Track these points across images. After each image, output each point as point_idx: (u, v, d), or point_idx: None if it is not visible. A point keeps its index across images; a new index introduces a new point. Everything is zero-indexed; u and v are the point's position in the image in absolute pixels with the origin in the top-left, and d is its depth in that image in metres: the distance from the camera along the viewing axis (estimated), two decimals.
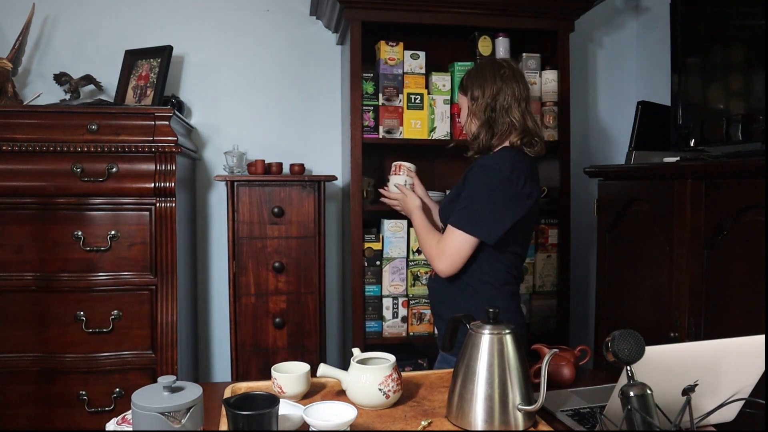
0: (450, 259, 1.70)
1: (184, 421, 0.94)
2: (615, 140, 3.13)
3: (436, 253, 1.74)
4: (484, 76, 1.82)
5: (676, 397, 1.00)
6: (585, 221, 3.10)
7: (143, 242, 2.21)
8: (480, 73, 1.84)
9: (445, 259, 1.71)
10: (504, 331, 1.20)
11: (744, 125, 1.98)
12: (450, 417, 1.23)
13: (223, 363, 2.83)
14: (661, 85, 2.71)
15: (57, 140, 2.14)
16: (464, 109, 1.89)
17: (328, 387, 1.42)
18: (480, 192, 1.67)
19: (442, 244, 1.73)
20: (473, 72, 1.87)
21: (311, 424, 1.07)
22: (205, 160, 2.84)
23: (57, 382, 2.17)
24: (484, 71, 1.83)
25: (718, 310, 1.84)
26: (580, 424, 1.23)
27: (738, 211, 1.75)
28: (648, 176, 2.17)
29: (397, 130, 2.55)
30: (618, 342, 0.96)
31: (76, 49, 2.67)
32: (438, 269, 1.74)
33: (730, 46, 2.08)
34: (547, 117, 2.68)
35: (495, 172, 1.68)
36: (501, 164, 1.69)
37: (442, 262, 1.72)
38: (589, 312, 3.11)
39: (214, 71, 2.82)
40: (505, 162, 1.69)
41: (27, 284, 2.16)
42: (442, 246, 1.72)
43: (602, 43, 3.18)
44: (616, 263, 2.36)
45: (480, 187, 1.68)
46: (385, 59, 2.55)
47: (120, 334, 2.20)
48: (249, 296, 2.44)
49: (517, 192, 1.67)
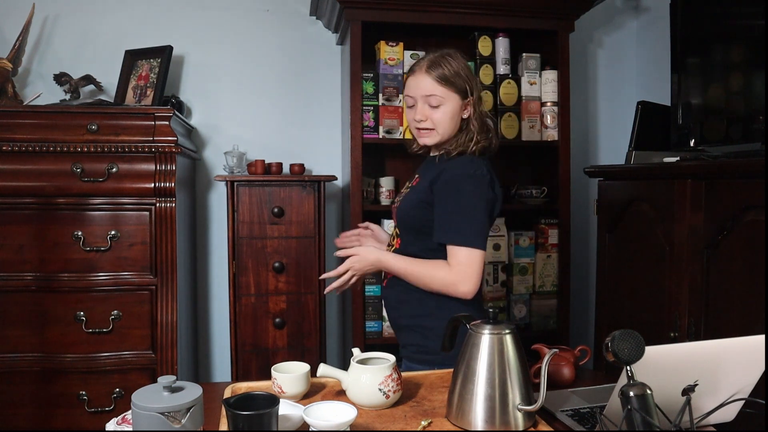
0: (476, 278, 1.57)
1: (184, 421, 0.94)
2: (615, 140, 3.13)
3: (456, 278, 1.57)
4: (469, 69, 1.74)
5: (676, 397, 1.00)
6: (585, 221, 3.10)
7: (143, 242, 2.21)
8: (467, 66, 1.72)
9: (471, 282, 1.57)
10: (504, 331, 1.20)
11: (744, 125, 1.98)
12: (450, 417, 1.23)
13: (223, 363, 2.84)
14: (661, 85, 2.71)
15: (57, 140, 2.14)
16: (449, 105, 1.67)
17: (328, 387, 1.42)
18: (478, 203, 1.59)
19: (461, 267, 1.56)
20: (462, 64, 1.70)
21: (311, 424, 1.07)
22: (205, 160, 2.84)
23: (57, 382, 2.17)
24: (464, 61, 1.72)
25: (718, 310, 1.84)
26: (580, 424, 1.23)
27: (738, 211, 1.75)
28: (648, 176, 2.17)
29: (397, 130, 2.55)
30: (618, 342, 0.96)
31: (76, 50, 2.67)
32: (463, 293, 1.57)
33: (731, 45, 2.08)
34: (547, 117, 2.68)
35: (479, 179, 1.61)
36: (480, 170, 1.62)
37: (468, 285, 1.57)
38: (589, 312, 3.11)
39: (214, 71, 2.82)
40: (481, 167, 1.63)
41: (27, 284, 2.16)
42: (462, 270, 1.56)
43: (602, 43, 3.18)
44: (616, 263, 2.36)
45: (476, 198, 1.59)
46: (385, 59, 2.55)
47: (120, 334, 2.20)
48: (249, 296, 2.44)
49: (496, 197, 1.66)
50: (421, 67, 1.69)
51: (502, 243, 2.67)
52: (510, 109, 2.67)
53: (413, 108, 1.70)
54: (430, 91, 1.66)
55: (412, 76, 1.71)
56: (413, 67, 1.73)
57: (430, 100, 1.66)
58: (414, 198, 1.70)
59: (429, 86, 1.66)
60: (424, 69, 1.68)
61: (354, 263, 1.67)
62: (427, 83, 1.67)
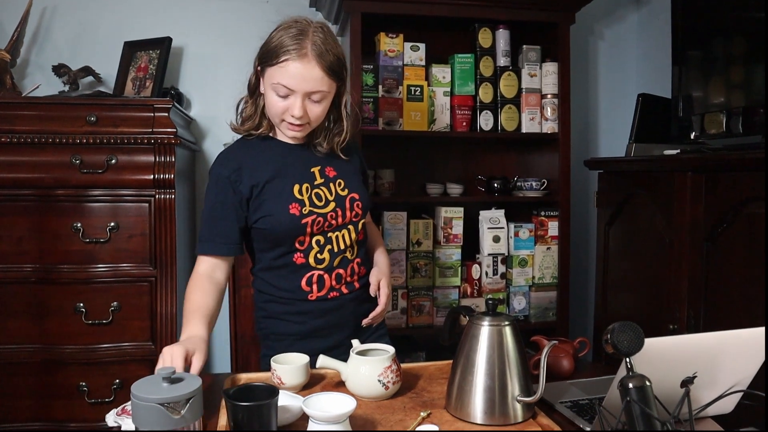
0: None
1: (184, 412, 0.94)
2: (615, 133, 3.12)
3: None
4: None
5: (674, 388, 1.00)
6: (585, 214, 3.10)
7: (143, 234, 2.21)
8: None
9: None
10: (503, 323, 1.20)
11: (744, 118, 1.98)
12: (449, 408, 1.23)
13: (223, 354, 2.84)
14: (661, 78, 2.71)
15: (56, 132, 2.13)
16: (329, 98, 1.51)
17: (328, 378, 1.42)
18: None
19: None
20: (340, 49, 1.50)
21: (311, 414, 1.07)
22: (205, 152, 2.84)
23: (57, 373, 2.18)
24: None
25: (717, 302, 1.85)
26: (579, 415, 1.23)
27: (738, 203, 1.75)
28: (648, 169, 2.16)
29: (396, 122, 2.55)
30: (617, 334, 0.96)
31: (75, 41, 2.66)
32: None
33: (731, 38, 2.07)
34: (547, 109, 2.67)
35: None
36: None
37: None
38: (588, 304, 3.11)
39: (213, 63, 2.81)
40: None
41: (26, 276, 2.16)
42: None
43: (603, 36, 3.17)
44: (615, 255, 2.36)
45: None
46: (385, 51, 2.54)
47: (119, 325, 2.20)
48: (248, 288, 2.43)
49: None
50: (308, 54, 1.42)
51: (502, 235, 2.68)
52: (510, 101, 2.66)
53: (286, 98, 1.45)
54: (319, 87, 1.45)
55: (298, 63, 1.41)
56: (294, 50, 1.41)
57: (313, 96, 1.46)
58: (363, 185, 1.67)
59: (318, 81, 1.44)
60: (313, 57, 1.42)
61: (387, 287, 1.62)
62: (316, 76, 1.43)
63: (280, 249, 1.55)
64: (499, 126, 2.66)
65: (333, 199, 1.57)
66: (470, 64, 2.63)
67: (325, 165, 1.60)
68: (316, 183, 1.57)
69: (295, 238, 1.53)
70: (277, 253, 1.56)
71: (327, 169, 1.60)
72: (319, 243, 1.55)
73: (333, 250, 1.57)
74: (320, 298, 1.57)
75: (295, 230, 1.52)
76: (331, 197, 1.57)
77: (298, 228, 1.51)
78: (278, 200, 1.52)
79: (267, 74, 1.47)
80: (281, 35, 1.44)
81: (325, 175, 1.59)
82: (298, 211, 1.51)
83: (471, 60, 2.64)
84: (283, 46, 1.42)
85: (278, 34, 1.45)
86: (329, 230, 1.56)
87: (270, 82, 1.46)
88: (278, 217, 1.51)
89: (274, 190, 1.53)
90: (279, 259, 1.56)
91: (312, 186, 1.56)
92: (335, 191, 1.58)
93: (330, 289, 1.58)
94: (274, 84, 1.44)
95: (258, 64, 1.52)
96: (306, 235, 1.53)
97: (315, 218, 1.52)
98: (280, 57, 1.42)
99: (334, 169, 1.61)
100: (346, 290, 1.60)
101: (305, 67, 1.42)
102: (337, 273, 1.58)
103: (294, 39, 1.42)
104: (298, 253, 1.55)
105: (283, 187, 1.53)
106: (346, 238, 1.58)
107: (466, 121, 2.63)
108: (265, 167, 1.54)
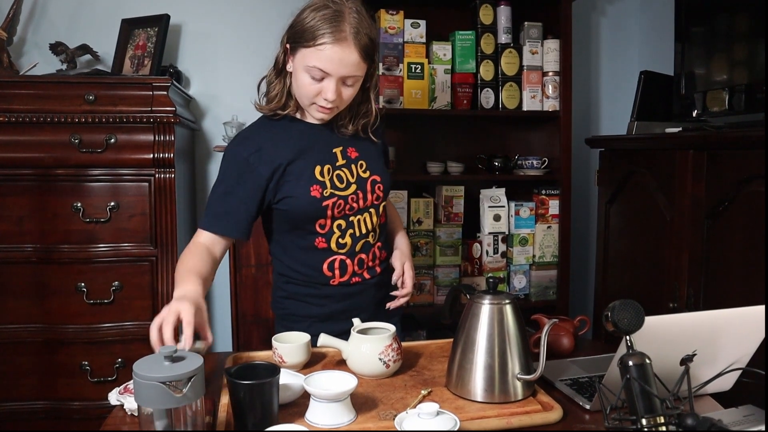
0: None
1: (185, 391, 0.94)
2: (617, 110, 3.10)
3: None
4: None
5: (674, 366, 1.00)
6: (586, 192, 3.10)
7: (143, 213, 2.21)
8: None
9: None
10: (504, 302, 1.21)
11: (747, 96, 1.97)
12: (449, 386, 1.24)
13: (224, 333, 2.85)
14: (664, 55, 2.68)
15: (54, 111, 2.12)
16: (360, 80, 1.47)
17: (329, 357, 1.43)
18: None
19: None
20: (374, 30, 1.46)
21: (312, 393, 1.08)
22: (204, 131, 2.82)
23: (60, 352, 2.19)
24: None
25: (717, 280, 1.85)
26: (579, 393, 1.24)
27: (739, 182, 1.74)
28: (650, 147, 2.15)
29: (397, 100, 2.53)
30: (617, 312, 0.96)
31: (72, 19, 2.63)
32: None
33: (735, 15, 2.05)
34: (548, 87, 2.65)
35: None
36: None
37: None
38: (588, 283, 3.12)
39: (212, 40, 2.78)
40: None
41: (27, 256, 2.16)
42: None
43: (605, 12, 3.13)
44: (616, 234, 2.36)
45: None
46: (386, 28, 2.52)
47: (121, 305, 2.21)
48: (249, 267, 2.44)
49: None
50: (347, 38, 1.37)
51: (503, 214, 2.67)
52: (511, 79, 2.65)
53: (320, 81, 1.41)
54: (355, 72, 1.41)
55: (337, 47, 1.36)
56: (331, 33, 1.36)
57: (347, 80, 1.43)
58: (384, 167, 1.64)
59: (355, 66, 1.40)
60: (352, 41, 1.37)
61: (411, 270, 1.63)
62: (354, 61, 1.39)
63: (301, 231, 1.53)
64: (500, 104, 2.64)
65: (354, 181, 1.53)
66: (471, 42, 2.61)
67: (348, 145, 1.56)
68: (338, 164, 1.53)
69: (316, 220, 1.50)
70: (298, 235, 1.54)
71: (349, 150, 1.56)
72: (340, 227, 1.52)
73: (355, 234, 1.54)
74: (342, 284, 1.56)
75: (315, 213, 1.49)
76: (353, 179, 1.53)
77: (318, 210, 1.49)
78: (299, 182, 1.49)
79: (299, 55, 1.42)
80: (315, 16, 1.38)
81: (347, 156, 1.55)
82: (319, 193, 1.48)
83: (472, 37, 2.61)
84: (319, 27, 1.36)
85: (312, 14, 1.38)
86: (351, 214, 1.53)
87: (304, 64, 1.40)
88: (299, 199, 1.48)
89: (295, 171, 1.50)
90: (300, 241, 1.54)
91: (333, 167, 1.52)
92: (357, 173, 1.55)
93: (352, 274, 1.56)
94: (309, 67, 1.39)
95: (288, 43, 1.47)
96: (327, 218, 1.50)
97: (336, 201, 1.50)
98: (317, 39, 1.36)
99: (356, 150, 1.57)
100: (368, 275, 1.59)
101: (344, 51, 1.37)
102: (360, 258, 1.56)
103: (331, 21, 1.36)
104: (320, 237, 1.52)
105: (305, 168, 1.50)
106: (368, 222, 1.56)
107: (466, 99, 2.61)
108: (286, 148, 1.51)
